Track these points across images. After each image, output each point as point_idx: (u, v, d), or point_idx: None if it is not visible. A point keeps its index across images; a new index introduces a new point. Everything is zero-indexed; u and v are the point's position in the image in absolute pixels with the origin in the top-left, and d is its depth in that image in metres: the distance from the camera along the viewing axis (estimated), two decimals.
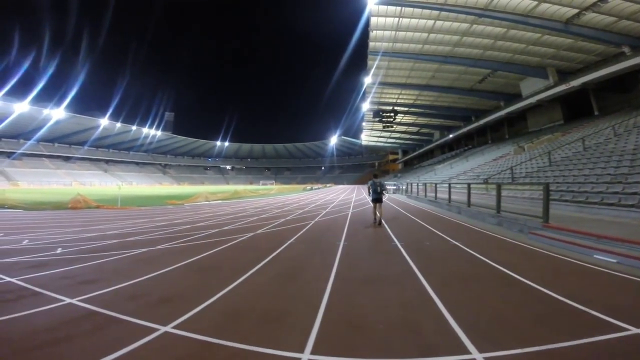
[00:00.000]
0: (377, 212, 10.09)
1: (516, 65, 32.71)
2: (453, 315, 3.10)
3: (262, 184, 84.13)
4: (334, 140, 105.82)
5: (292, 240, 7.35)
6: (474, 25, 27.28)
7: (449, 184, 15.76)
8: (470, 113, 50.61)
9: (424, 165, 66.33)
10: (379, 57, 34.52)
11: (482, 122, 46.48)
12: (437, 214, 12.53)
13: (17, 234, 7.96)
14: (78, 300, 3.47)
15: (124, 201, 18.08)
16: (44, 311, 3.21)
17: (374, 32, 30.19)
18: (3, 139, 66.19)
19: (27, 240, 6.97)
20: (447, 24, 27.71)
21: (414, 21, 28.02)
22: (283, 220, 11.20)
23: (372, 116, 54.84)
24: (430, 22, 27.76)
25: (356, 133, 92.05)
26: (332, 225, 9.94)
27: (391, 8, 26.64)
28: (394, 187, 36.22)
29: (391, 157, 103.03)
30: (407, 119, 61.91)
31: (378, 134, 79.08)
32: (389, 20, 28.29)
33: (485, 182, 19.18)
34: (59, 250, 6.03)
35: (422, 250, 6.26)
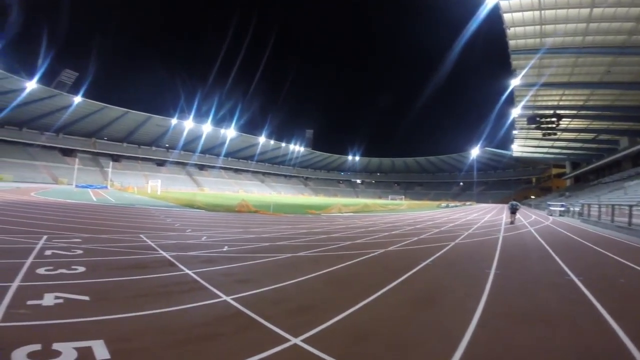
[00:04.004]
0: (512, 219, 15.62)
1: None
2: None
3: (391, 199, 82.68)
4: (475, 152, 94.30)
5: (427, 261, 6.69)
6: None
7: None
8: None
9: (606, 181, 51.02)
10: (525, 56, 29.79)
11: None
12: (635, 245, 9.18)
13: (199, 230, 10.06)
14: (231, 299, 3.86)
15: (275, 208, 20.80)
16: (204, 306, 3.64)
17: (512, 29, 26.45)
18: (197, 154, 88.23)
19: (205, 237, 8.66)
20: (610, 10, 21.63)
21: (562, 12, 23.09)
22: (416, 239, 10.43)
23: (525, 123, 46.17)
24: (585, 10, 22.20)
25: (503, 143, 79.58)
26: (477, 250, 8.61)
27: (526, 1, 22.88)
28: (562, 209, 29.22)
29: (554, 171, 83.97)
30: (576, 123, 49.23)
31: (535, 143, 65.58)
32: (527, 14, 24.36)
33: None
34: (225, 248, 7.18)
35: (615, 288, 4.85)
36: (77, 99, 55.25)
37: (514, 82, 35.69)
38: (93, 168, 65.33)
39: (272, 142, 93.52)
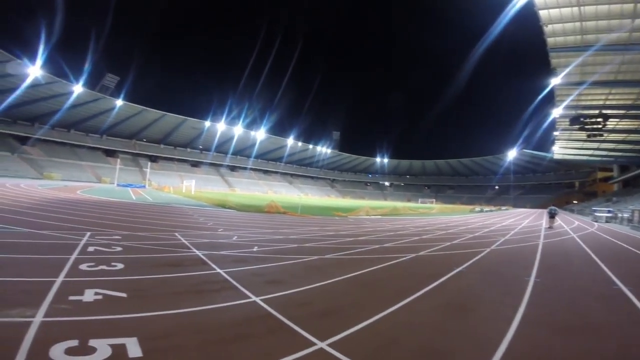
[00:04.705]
0: (550, 223, 15.43)
1: None
2: None
3: (421, 202, 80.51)
4: (511, 154, 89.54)
5: (461, 268, 6.42)
6: None
7: None
8: None
9: None
10: (565, 54, 28.28)
11: None
12: None
13: (231, 230, 10.28)
14: (260, 300, 3.87)
15: (303, 209, 20.93)
16: (234, 306, 3.68)
17: (549, 26, 25.13)
18: (229, 156, 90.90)
19: (236, 237, 8.82)
20: None
21: (603, 7, 21.75)
22: (449, 244, 10.06)
23: (568, 123, 43.18)
24: (629, 5, 20.78)
25: (541, 145, 74.96)
26: (515, 257, 8.22)
27: None
28: (608, 215, 27.10)
29: (600, 174, 77.85)
30: (625, 124, 45.26)
31: (579, 145, 61.11)
32: (565, 11, 23.08)
33: None
34: (255, 249, 7.26)
35: None
36: (119, 102, 58.84)
37: (554, 81, 33.68)
38: (133, 168, 69.31)
39: (299, 143, 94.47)
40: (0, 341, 2.46)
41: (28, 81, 44.36)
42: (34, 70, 43.11)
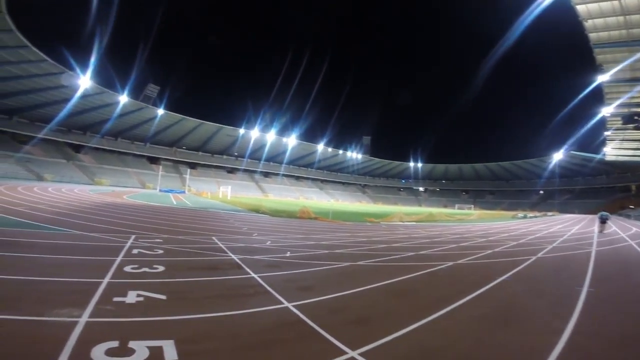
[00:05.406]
0: (601, 228, 15.84)
1: None
2: None
3: (458, 208, 77.08)
4: (557, 156, 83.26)
5: (505, 277, 6.03)
6: None
7: None
8: None
9: None
10: (612, 49, 26.37)
11: None
12: None
13: (264, 234, 10.43)
14: (293, 306, 3.85)
15: (334, 215, 20.84)
16: (267, 311, 3.68)
17: (589, 21, 23.70)
18: (262, 162, 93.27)
19: (269, 242, 8.92)
20: None
21: None
22: (490, 251, 9.51)
23: (621, 122, 39.54)
24: None
25: (588, 146, 69.14)
26: (565, 265, 7.68)
27: None
28: None
29: None
30: None
31: (635, 145, 55.67)
32: (605, 5, 21.68)
33: None
34: (288, 254, 7.29)
35: None
36: (160, 111, 62.59)
37: (602, 78, 31.20)
38: (174, 174, 73.27)
39: (329, 149, 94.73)
40: (48, 340, 2.61)
41: (80, 92, 48.29)
42: (84, 81, 46.71)
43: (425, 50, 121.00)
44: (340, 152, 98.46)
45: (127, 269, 4.91)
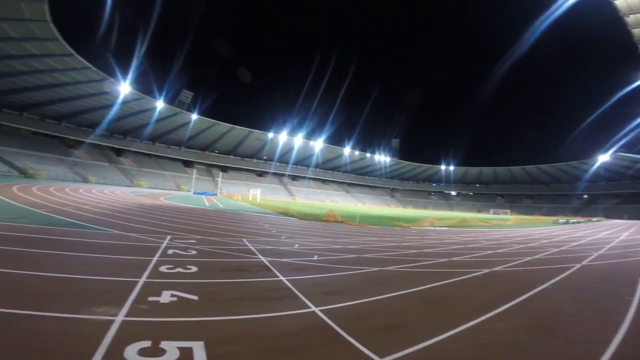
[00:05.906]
0: None
1: None
2: None
3: (493, 213, 73.51)
4: (603, 158, 76.90)
5: (546, 285, 5.68)
6: None
7: None
8: None
9: None
10: None
11: None
12: None
13: (293, 237, 10.50)
14: (319, 310, 3.81)
15: (361, 219, 20.62)
16: (294, 315, 3.67)
17: (630, 16, 22.58)
18: (290, 165, 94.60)
19: (297, 245, 8.97)
20: None
21: None
22: (529, 258, 8.98)
23: None
24: None
25: (634, 146, 63.31)
26: (613, 273, 7.23)
27: None
28: None
29: None
30: None
31: None
32: None
33: None
34: (315, 257, 7.27)
35: None
36: (194, 116, 65.39)
37: None
38: (206, 177, 76.09)
39: (356, 152, 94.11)
40: (84, 338, 2.72)
41: (120, 98, 51.56)
42: (124, 88, 49.74)
43: (458, 47, 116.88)
44: (368, 155, 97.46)
45: (163, 269, 5.11)
